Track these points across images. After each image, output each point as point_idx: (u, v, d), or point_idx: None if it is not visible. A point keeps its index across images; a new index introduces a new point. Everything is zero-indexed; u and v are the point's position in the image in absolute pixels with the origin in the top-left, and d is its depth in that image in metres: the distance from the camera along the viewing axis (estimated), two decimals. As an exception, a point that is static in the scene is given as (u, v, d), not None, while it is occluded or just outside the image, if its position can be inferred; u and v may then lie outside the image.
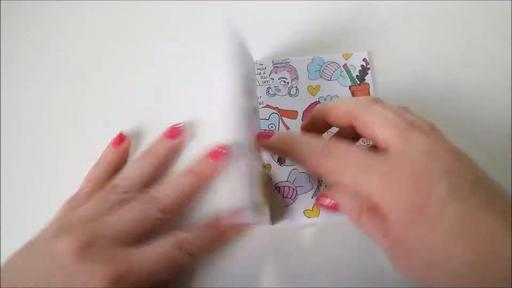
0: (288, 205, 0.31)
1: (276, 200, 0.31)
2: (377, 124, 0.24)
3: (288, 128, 0.33)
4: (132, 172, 0.29)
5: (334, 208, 0.27)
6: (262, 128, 0.33)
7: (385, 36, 0.36)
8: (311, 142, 0.26)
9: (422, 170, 0.21)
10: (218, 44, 0.35)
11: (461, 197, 0.21)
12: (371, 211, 0.24)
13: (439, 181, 0.21)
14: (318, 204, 0.28)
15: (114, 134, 0.32)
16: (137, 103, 0.34)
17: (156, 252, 0.25)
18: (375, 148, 0.25)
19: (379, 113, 0.24)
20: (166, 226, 0.28)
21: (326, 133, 0.31)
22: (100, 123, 0.34)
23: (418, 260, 0.22)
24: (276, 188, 0.31)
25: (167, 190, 0.28)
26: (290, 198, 0.31)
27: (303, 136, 0.27)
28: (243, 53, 0.28)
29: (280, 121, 0.33)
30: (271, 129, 0.33)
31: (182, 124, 0.32)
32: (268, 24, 0.36)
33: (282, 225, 0.31)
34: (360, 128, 0.25)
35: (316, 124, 0.29)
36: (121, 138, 0.32)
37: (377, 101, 0.25)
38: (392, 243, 0.23)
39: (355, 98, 0.27)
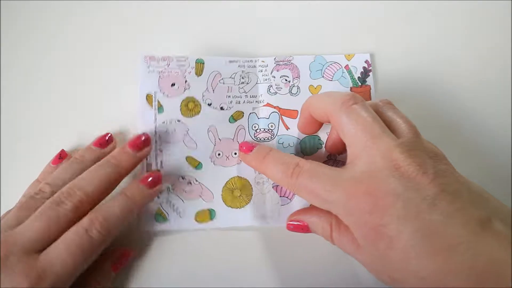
0: (285, 205, 0.32)
1: (272, 199, 0.32)
2: (346, 131, 0.24)
3: (288, 128, 0.33)
4: (56, 178, 0.28)
5: (305, 229, 0.28)
6: (262, 127, 0.33)
7: (388, 39, 0.35)
8: (283, 163, 0.26)
9: (381, 189, 0.22)
10: (219, 44, 0.35)
11: (417, 216, 0.21)
12: (341, 226, 0.25)
13: (395, 202, 0.21)
14: (289, 228, 0.29)
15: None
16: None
17: (63, 248, 0.25)
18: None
19: (350, 118, 0.24)
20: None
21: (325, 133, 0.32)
22: (95, 125, 0.33)
23: (384, 275, 0.23)
24: (273, 187, 0.32)
25: (80, 185, 0.27)
26: (287, 197, 0.32)
27: (277, 155, 0.28)
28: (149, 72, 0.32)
29: (280, 120, 0.33)
30: (271, 128, 0.33)
31: (110, 134, 0.31)
32: (272, 22, 0.36)
33: (277, 224, 0.31)
34: (335, 128, 0.26)
35: (309, 121, 0.29)
36: (61, 155, 0.31)
37: (352, 100, 0.25)
38: (362, 257, 0.24)
39: (332, 94, 0.26)
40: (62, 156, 0.31)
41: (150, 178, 0.29)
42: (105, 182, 0.27)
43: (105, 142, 0.31)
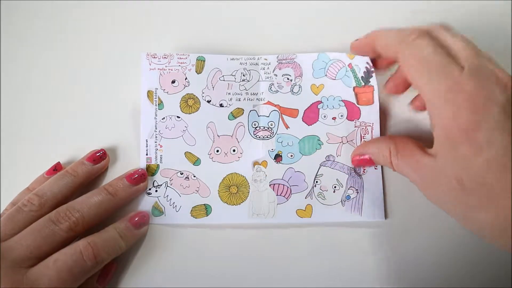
0: (281, 203, 0.32)
1: (269, 197, 0.32)
2: (415, 70, 0.25)
3: (287, 127, 0.32)
4: (47, 189, 0.29)
5: (369, 162, 0.30)
6: (261, 125, 0.33)
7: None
8: (400, 31, 0.27)
9: (484, 93, 0.22)
10: (221, 43, 0.35)
11: (509, 130, 0.21)
12: (399, 151, 0.26)
13: (494, 110, 0.22)
14: (354, 163, 0.31)
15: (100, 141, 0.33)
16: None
17: (53, 268, 0.25)
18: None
19: (419, 55, 0.24)
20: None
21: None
22: (96, 123, 0.34)
23: (452, 178, 0.23)
24: (270, 185, 0.32)
25: (78, 208, 0.28)
26: (284, 196, 0.32)
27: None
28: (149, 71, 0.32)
29: (280, 119, 0.33)
30: (271, 126, 0.33)
31: (103, 150, 0.32)
32: (276, 21, 0.35)
33: (273, 222, 0.31)
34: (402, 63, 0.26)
35: (364, 49, 0.30)
36: (56, 168, 0.32)
37: (426, 33, 0.25)
38: (423, 168, 0.25)
39: (402, 30, 0.27)
40: (57, 168, 0.32)
41: (137, 219, 0.30)
42: (102, 209, 0.29)
43: (98, 158, 0.31)
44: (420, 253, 0.31)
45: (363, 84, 0.32)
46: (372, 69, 0.32)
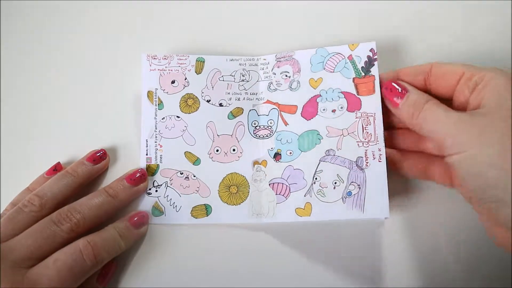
0: (280, 203, 0.31)
1: (268, 197, 0.31)
2: None
3: (286, 124, 0.32)
4: (47, 190, 0.29)
5: (402, 93, 0.28)
6: (261, 124, 0.32)
7: (393, 31, 0.34)
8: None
9: None
10: (220, 43, 0.35)
11: None
12: (438, 102, 0.26)
13: None
14: (386, 85, 0.29)
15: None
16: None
17: (53, 268, 0.25)
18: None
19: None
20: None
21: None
22: (97, 123, 0.34)
23: (507, 112, 0.23)
24: (270, 185, 0.31)
25: (79, 209, 0.28)
26: (283, 195, 0.31)
27: None
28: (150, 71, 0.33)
29: (279, 116, 0.32)
30: (270, 125, 0.32)
31: (103, 150, 0.32)
32: (275, 21, 0.36)
33: (272, 221, 0.31)
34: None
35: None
36: (56, 168, 0.32)
37: None
38: (465, 117, 0.24)
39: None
40: (57, 168, 0.32)
41: (136, 218, 0.30)
42: (103, 211, 0.29)
43: (98, 158, 0.32)
44: (421, 253, 0.29)
45: (363, 74, 0.31)
46: (375, 58, 0.30)
